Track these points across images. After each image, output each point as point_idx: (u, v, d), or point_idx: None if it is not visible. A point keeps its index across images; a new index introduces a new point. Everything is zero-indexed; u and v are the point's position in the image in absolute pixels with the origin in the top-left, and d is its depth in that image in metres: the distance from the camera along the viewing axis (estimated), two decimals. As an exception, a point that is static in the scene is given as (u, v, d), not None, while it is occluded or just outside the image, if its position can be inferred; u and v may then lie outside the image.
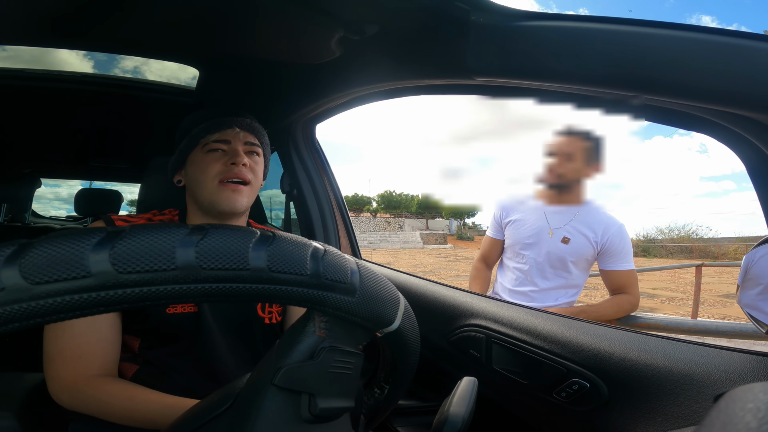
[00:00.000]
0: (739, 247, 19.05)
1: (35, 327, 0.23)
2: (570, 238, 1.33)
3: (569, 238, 1.33)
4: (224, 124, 0.77)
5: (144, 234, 0.25)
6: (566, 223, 1.35)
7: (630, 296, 1.35)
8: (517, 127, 0.71)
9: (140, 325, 0.73)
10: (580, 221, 1.34)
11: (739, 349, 0.49)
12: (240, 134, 0.78)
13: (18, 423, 0.70)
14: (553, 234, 1.35)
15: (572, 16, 0.48)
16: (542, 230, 1.37)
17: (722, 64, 0.40)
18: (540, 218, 1.38)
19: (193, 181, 0.78)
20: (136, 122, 1.49)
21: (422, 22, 0.61)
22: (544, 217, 1.38)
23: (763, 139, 0.45)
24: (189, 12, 0.74)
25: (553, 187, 1.25)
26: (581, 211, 1.35)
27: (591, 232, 1.33)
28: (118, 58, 1.16)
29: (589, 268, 1.38)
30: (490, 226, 1.54)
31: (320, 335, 0.34)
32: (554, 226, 1.36)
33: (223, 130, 0.77)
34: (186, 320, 0.73)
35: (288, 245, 0.29)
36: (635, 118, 0.50)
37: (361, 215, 35.80)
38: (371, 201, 44.69)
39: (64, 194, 6.81)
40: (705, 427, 0.20)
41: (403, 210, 39.85)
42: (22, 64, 1.15)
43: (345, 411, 0.36)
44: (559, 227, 1.35)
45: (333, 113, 1.10)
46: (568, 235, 1.34)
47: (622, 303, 1.35)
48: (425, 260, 16.62)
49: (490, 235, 1.53)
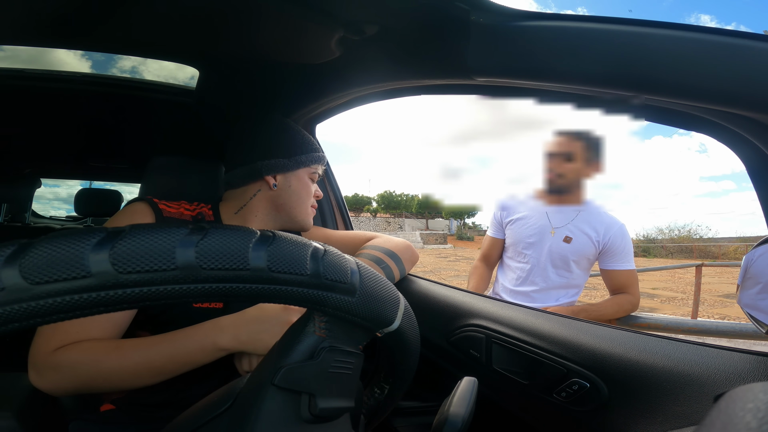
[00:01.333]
0: (739, 247, 19.06)
1: (35, 327, 0.23)
2: (572, 237, 1.33)
3: (571, 237, 1.33)
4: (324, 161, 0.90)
5: (144, 234, 0.25)
6: (568, 223, 1.35)
7: (630, 296, 1.35)
8: (517, 127, 0.71)
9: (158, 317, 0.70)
10: (582, 221, 1.34)
11: (739, 349, 0.49)
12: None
13: (18, 423, 0.70)
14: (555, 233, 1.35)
15: (572, 16, 0.48)
16: (544, 229, 1.37)
17: (722, 64, 0.40)
18: (542, 217, 1.38)
19: (293, 193, 0.84)
20: (136, 122, 1.49)
21: (422, 22, 0.61)
22: (546, 216, 1.38)
23: (763, 139, 0.45)
24: (189, 12, 0.74)
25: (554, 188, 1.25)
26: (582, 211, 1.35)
27: (593, 232, 1.33)
28: (116, 58, 1.16)
29: (590, 267, 1.38)
30: (491, 226, 1.54)
31: (320, 335, 0.34)
32: (556, 225, 1.36)
33: (322, 166, 0.90)
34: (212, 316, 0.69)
35: (288, 245, 0.29)
36: (635, 118, 0.50)
37: (361, 215, 35.81)
38: (371, 201, 44.68)
39: (63, 194, 6.83)
40: (705, 427, 0.20)
41: (403, 210, 39.85)
42: (20, 63, 1.15)
43: (345, 411, 0.36)
44: (561, 226, 1.35)
45: (333, 113, 1.10)
46: (570, 234, 1.34)
47: (623, 303, 1.35)
48: (425, 260, 16.61)
49: (490, 234, 1.53)
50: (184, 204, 0.81)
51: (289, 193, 0.84)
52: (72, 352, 0.58)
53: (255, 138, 0.84)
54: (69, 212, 3.75)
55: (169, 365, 0.59)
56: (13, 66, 1.15)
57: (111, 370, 0.57)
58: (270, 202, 0.83)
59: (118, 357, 0.58)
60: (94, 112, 1.42)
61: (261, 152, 0.82)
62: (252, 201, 0.83)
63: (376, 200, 44.36)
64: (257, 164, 0.81)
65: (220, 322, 0.63)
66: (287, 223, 0.85)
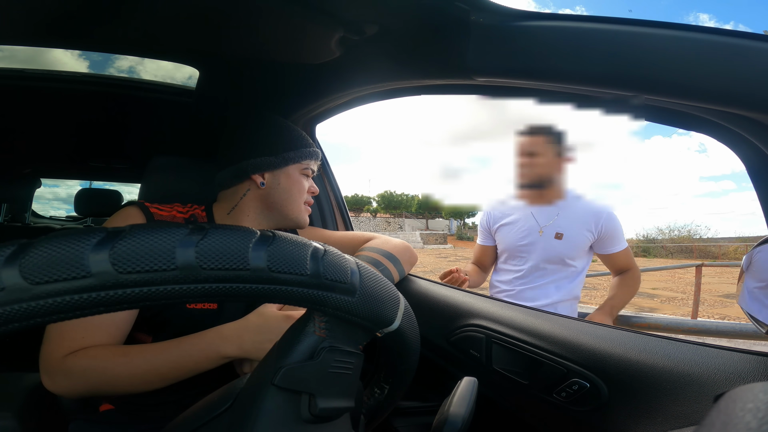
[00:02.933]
0: (739, 247, 19.06)
1: (35, 327, 0.23)
2: (563, 233, 1.34)
3: (562, 233, 1.34)
4: (318, 156, 0.87)
5: (144, 234, 0.25)
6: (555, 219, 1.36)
7: (632, 270, 1.41)
8: (517, 127, 0.71)
9: (154, 318, 0.71)
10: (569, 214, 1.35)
11: (739, 349, 0.49)
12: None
13: (18, 423, 0.70)
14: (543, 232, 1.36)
15: (572, 16, 0.48)
16: (533, 230, 1.38)
17: (722, 64, 0.40)
18: (528, 219, 1.39)
19: (283, 191, 0.82)
20: (136, 122, 1.49)
21: (422, 22, 0.61)
22: (532, 217, 1.38)
23: (763, 139, 0.45)
24: (189, 12, 0.74)
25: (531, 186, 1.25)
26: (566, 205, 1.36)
27: (583, 223, 1.34)
28: (113, 58, 1.15)
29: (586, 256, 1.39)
30: (479, 234, 1.54)
31: (320, 335, 0.34)
32: (543, 224, 1.36)
33: (316, 162, 0.88)
34: (207, 317, 0.72)
35: (288, 245, 0.29)
36: (635, 118, 0.50)
37: (361, 215, 35.82)
38: (371, 201, 44.69)
39: (62, 194, 6.85)
40: (705, 427, 0.20)
41: (403, 210, 39.86)
42: (17, 63, 1.15)
43: (345, 411, 0.36)
44: (549, 224, 1.36)
45: (333, 113, 1.10)
46: (560, 231, 1.34)
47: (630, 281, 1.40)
48: (425, 260, 16.61)
49: (480, 242, 1.53)
50: (177, 206, 0.81)
51: (278, 191, 0.82)
52: (82, 359, 0.60)
53: (241, 137, 0.83)
54: (68, 212, 3.75)
55: (174, 372, 0.61)
56: (11, 66, 1.15)
57: (119, 376, 0.60)
58: (261, 201, 0.82)
59: (125, 363, 0.60)
60: (94, 112, 1.42)
61: (247, 151, 0.81)
62: (242, 201, 0.82)
63: (376, 200, 44.39)
64: (243, 164, 0.80)
65: (223, 330, 0.64)
66: (281, 222, 0.84)
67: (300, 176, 0.84)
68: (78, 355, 0.60)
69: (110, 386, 0.60)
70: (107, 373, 0.59)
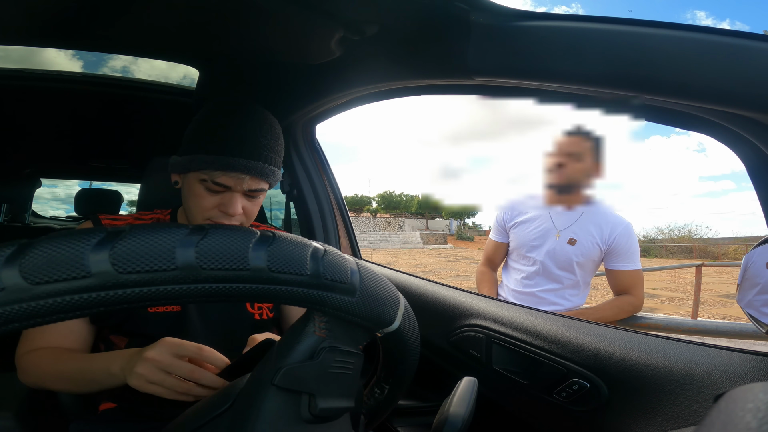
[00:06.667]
0: (739, 247, 19.05)
1: (35, 327, 0.23)
2: (576, 239, 1.33)
3: (575, 239, 1.33)
4: (232, 166, 0.65)
5: (144, 234, 0.25)
6: (572, 224, 1.35)
7: (632, 297, 1.34)
8: (517, 127, 0.71)
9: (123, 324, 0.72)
10: (587, 221, 1.34)
11: (739, 349, 0.49)
12: (245, 181, 0.67)
13: (18, 423, 0.71)
14: (560, 235, 1.34)
15: (572, 16, 0.48)
16: (549, 232, 1.36)
17: (722, 64, 0.40)
18: (546, 220, 1.38)
19: (185, 198, 0.71)
20: (136, 122, 1.49)
21: (422, 22, 0.61)
22: (550, 219, 1.37)
23: (763, 139, 0.45)
24: (189, 12, 0.74)
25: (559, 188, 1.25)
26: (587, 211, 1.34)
27: (598, 232, 1.32)
28: (106, 58, 1.16)
29: (595, 268, 1.37)
30: (494, 229, 1.53)
31: (320, 335, 0.34)
32: (560, 227, 1.35)
33: (228, 173, 0.66)
34: (168, 319, 0.72)
35: (288, 245, 0.29)
36: (635, 118, 0.50)
37: (361, 215, 35.83)
38: (371, 201, 44.69)
39: (61, 194, 6.85)
40: (705, 427, 0.20)
41: (403, 210, 39.87)
42: (11, 63, 1.15)
43: (345, 411, 0.36)
44: (566, 228, 1.35)
45: (333, 113, 1.10)
46: (574, 236, 1.33)
47: (623, 305, 1.34)
48: (425, 260, 16.62)
49: (493, 238, 1.52)
50: (143, 214, 0.81)
51: (184, 195, 0.71)
52: (31, 357, 0.68)
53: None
54: (68, 212, 3.75)
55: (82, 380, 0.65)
56: (6, 66, 1.14)
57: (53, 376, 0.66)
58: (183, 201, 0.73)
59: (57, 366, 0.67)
60: (94, 112, 1.42)
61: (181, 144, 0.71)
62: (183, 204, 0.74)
63: (376, 200, 44.38)
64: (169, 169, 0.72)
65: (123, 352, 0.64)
66: None
67: (198, 187, 0.67)
68: (30, 354, 0.69)
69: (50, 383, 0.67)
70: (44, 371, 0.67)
